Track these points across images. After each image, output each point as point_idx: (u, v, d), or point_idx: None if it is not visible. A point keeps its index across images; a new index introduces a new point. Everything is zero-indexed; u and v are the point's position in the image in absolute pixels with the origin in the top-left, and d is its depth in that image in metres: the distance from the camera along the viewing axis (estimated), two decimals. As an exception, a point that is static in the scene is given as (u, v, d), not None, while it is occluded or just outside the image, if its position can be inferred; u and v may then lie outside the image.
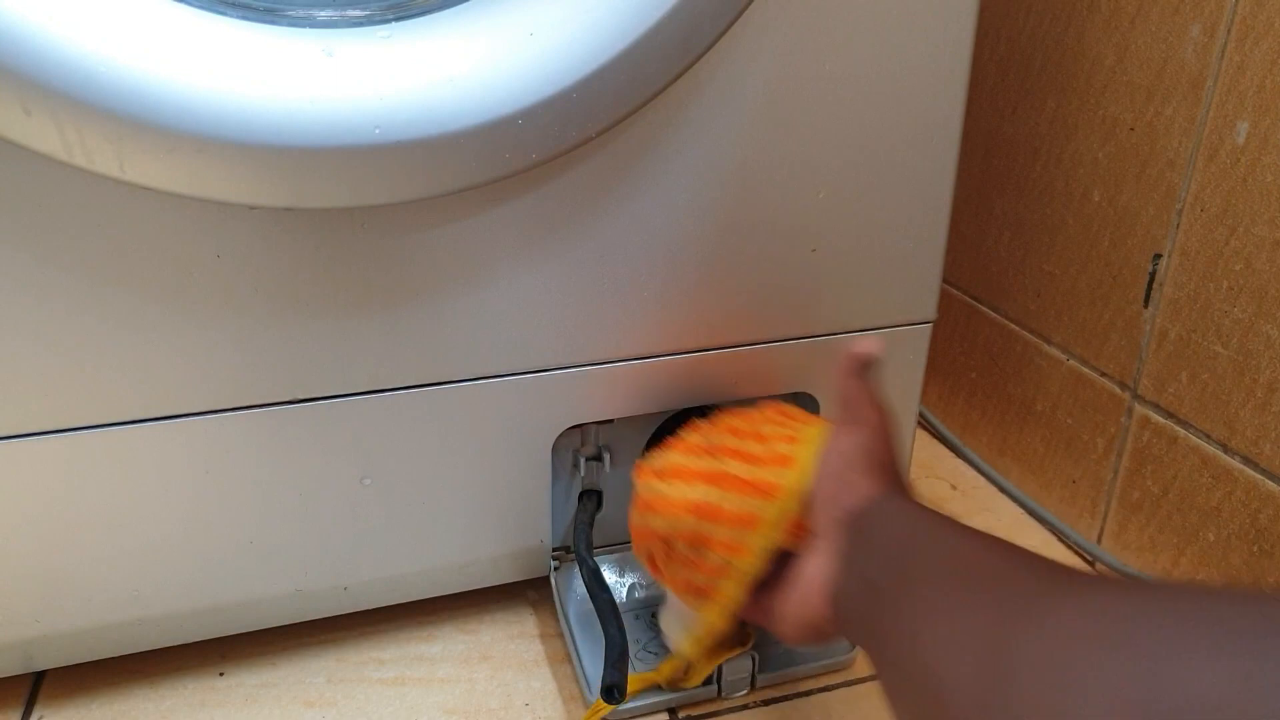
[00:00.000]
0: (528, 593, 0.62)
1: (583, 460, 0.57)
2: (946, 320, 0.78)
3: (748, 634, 0.53)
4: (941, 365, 0.80)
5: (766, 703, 0.54)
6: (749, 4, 0.45)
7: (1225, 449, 0.55)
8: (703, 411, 0.56)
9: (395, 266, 0.47)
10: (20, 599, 0.49)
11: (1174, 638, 0.25)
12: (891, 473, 0.44)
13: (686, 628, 0.51)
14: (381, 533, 0.54)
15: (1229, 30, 0.53)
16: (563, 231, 0.49)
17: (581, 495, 0.58)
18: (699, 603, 0.48)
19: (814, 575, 0.42)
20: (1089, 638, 0.27)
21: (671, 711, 0.53)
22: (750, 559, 0.45)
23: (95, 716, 0.52)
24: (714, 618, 0.47)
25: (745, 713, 0.53)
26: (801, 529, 0.45)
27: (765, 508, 0.45)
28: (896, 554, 0.39)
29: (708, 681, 0.53)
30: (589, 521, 0.57)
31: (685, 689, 0.52)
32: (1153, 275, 0.59)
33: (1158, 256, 0.59)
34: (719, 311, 0.54)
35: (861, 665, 0.56)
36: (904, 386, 0.61)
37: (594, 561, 0.55)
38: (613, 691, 0.50)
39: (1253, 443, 0.54)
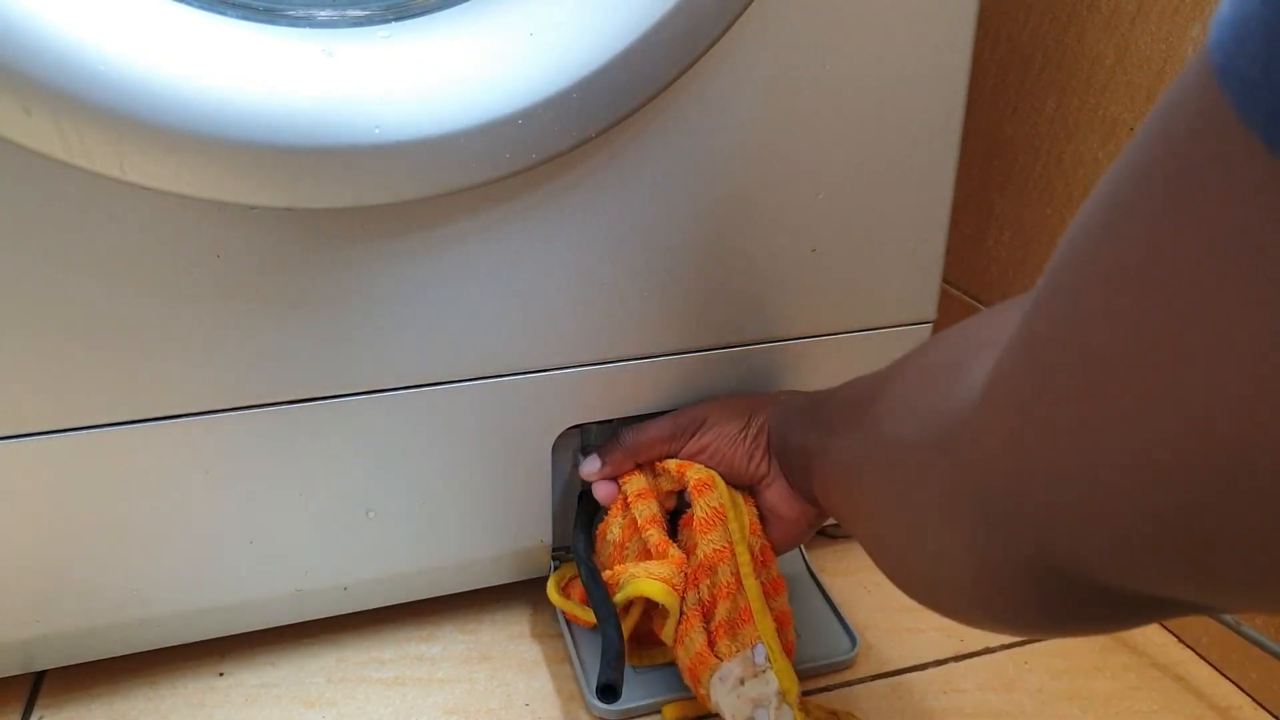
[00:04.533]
0: (528, 593, 0.62)
1: (583, 460, 0.57)
2: (946, 320, 0.78)
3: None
4: (941, 365, 0.80)
5: (766, 703, 0.54)
6: (749, 4, 0.45)
7: (1225, 449, 0.55)
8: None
9: (395, 266, 0.47)
10: (20, 599, 0.49)
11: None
12: (770, 398, 0.53)
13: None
14: (381, 533, 0.54)
15: (1229, 30, 0.53)
16: (562, 231, 0.49)
17: (581, 495, 0.58)
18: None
19: (780, 497, 0.51)
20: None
21: (671, 711, 0.53)
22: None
23: (95, 716, 0.52)
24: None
25: (745, 713, 0.53)
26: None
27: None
28: (806, 419, 0.48)
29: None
30: (589, 521, 0.57)
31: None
32: (1153, 275, 0.59)
33: (1158, 256, 0.59)
34: (719, 311, 0.54)
35: (861, 664, 0.57)
36: (904, 386, 0.61)
37: (593, 562, 0.55)
38: (608, 690, 0.50)
39: (1253, 443, 0.53)
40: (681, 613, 0.49)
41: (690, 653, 0.48)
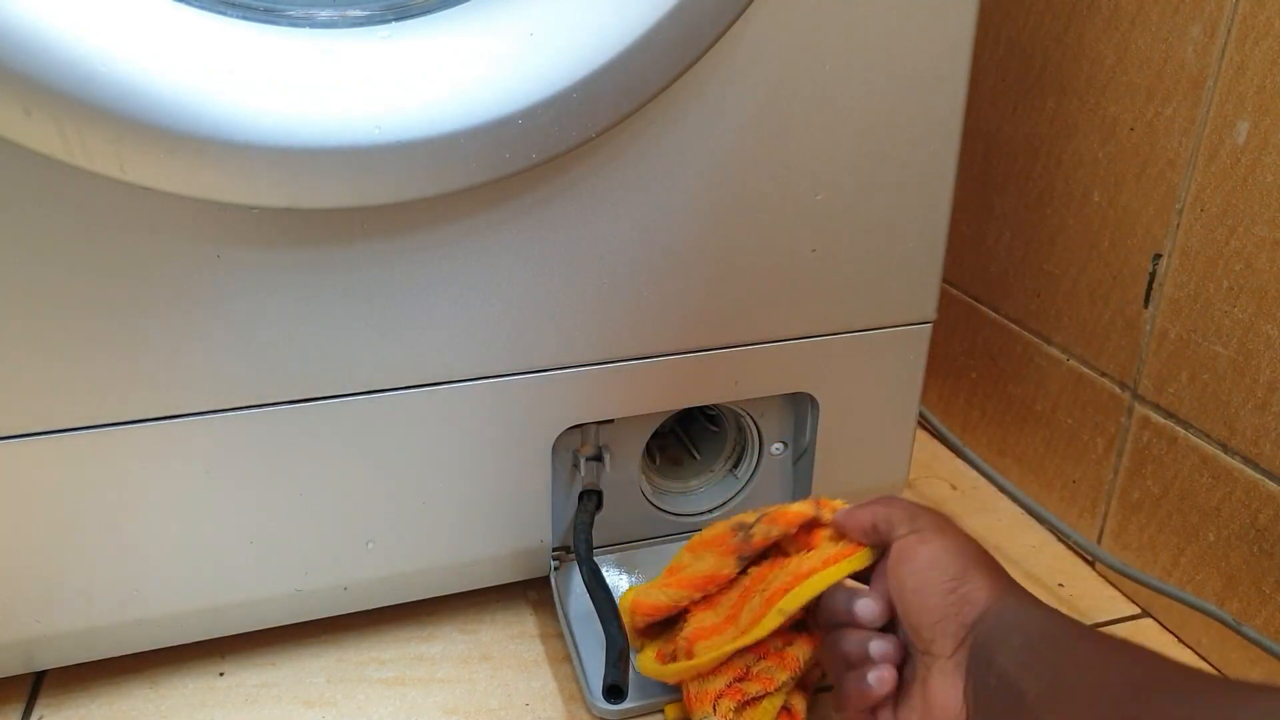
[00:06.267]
0: (528, 593, 0.62)
1: (583, 460, 0.57)
2: (946, 320, 0.78)
3: None
4: (941, 365, 0.80)
5: (766, 703, 0.54)
6: (749, 4, 0.45)
7: (1225, 449, 0.55)
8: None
9: (395, 266, 0.47)
10: (20, 599, 0.49)
11: None
12: (996, 572, 0.43)
13: None
14: (382, 533, 0.54)
15: (1229, 30, 0.53)
16: (563, 231, 0.49)
17: (581, 495, 0.58)
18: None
19: (946, 695, 0.41)
20: None
21: (671, 711, 0.53)
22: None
23: (95, 716, 0.52)
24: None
25: (745, 713, 0.53)
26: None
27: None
28: (1030, 662, 0.38)
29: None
30: (589, 521, 0.57)
31: None
32: (1153, 275, 0.59)
33: (1158, 256, 0.59)
34: (719, 311, 0.54)
35: (861, 665, 0.56)
36: (904, 386, 0.61)
37: (594, 561, 0.55)
38: (614, 691, 0.50)
39: (1253, 443, 0.54)
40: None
41: (702, 685, 0.48)
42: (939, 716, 0.41)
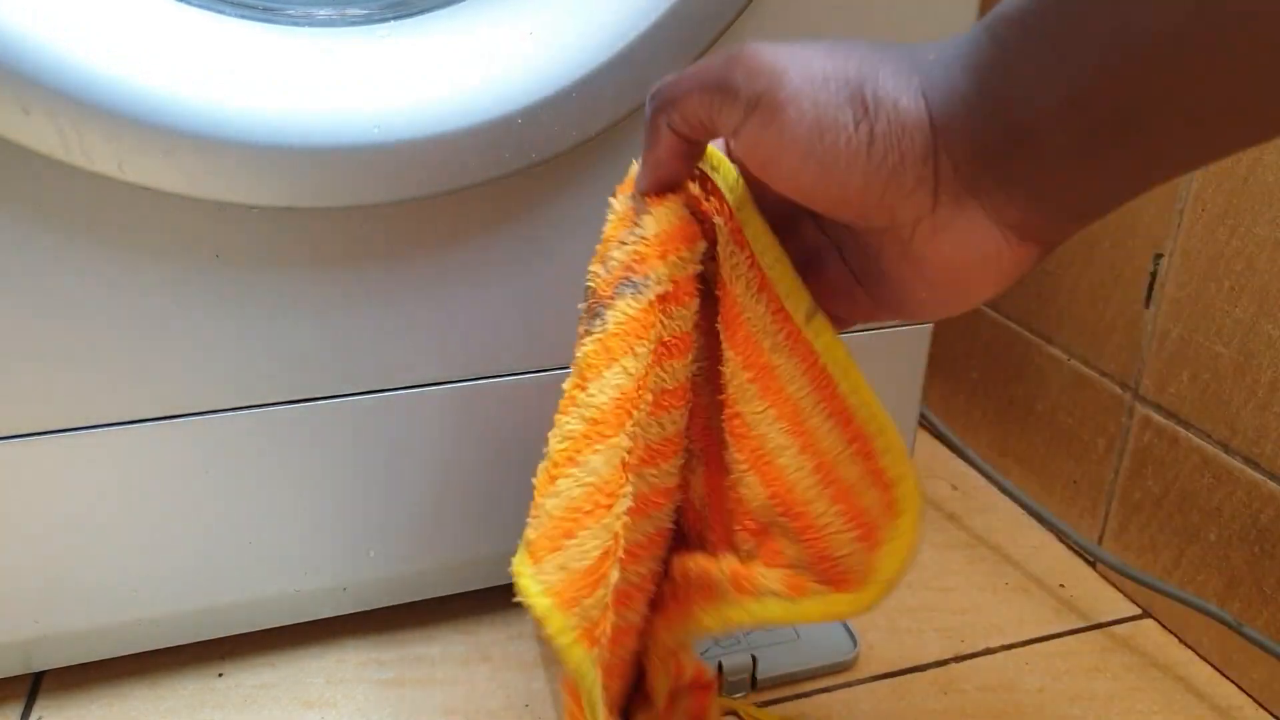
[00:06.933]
0: (528, 593, 0.62)
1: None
2: (946, 320, 0.78)
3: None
4: (942, 365, 0.80)
5: (766, 703, 0.54)
6: (749, 4, 0.45)
7: (1226, 449, 0.55)
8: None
9: (395, 266, 0.47)
10: (20, 599, 0.49)
11: None
12: (889, 59, 0.28)
13: None
14: (381, 533, 0.54)
15: (1230, 30, 0.52)
16: (563, 231, 0.49)
17: (581, 495, 0.58)
18: None
19: (968, 239, 0.28)
20: None
21: (671, 712, 0.53)
22: None
23: (95, 716, 0.52)
24: None
25: (745, 713, 0.53)
26: None
27: None
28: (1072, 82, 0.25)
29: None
30: (589, 522, 0.57)
31: None
32: (1154, 275, 0.59)
33: (1159, 256, 0.59)
34: (719, 311, 0.54)
35: (862, 665, 0.56)
36: (904, 386, 0.61)
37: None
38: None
39: (1254, 443, 0.53)
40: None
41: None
42: (967, 260, 0.28)
